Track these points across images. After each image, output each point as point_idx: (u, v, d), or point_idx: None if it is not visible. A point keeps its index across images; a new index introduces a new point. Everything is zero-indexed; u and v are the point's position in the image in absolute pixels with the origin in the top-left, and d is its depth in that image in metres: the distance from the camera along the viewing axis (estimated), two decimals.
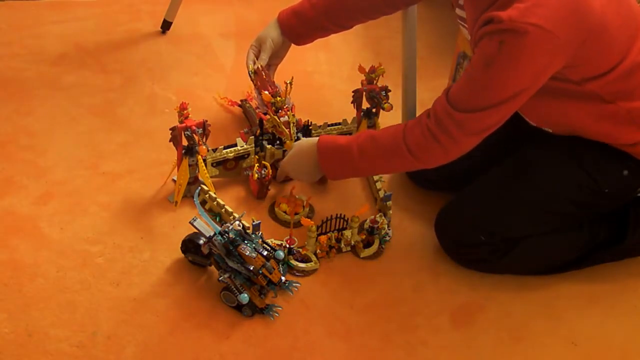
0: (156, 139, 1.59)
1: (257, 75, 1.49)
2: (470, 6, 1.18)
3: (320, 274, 1.33)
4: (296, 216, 1.40)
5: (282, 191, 1.51)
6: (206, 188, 1.42)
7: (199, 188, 1.37)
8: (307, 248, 1.35)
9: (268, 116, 1.42)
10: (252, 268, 1.18)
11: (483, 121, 1.14)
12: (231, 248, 1.18)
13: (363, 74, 1.56)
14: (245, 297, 1.19)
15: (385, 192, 1.43)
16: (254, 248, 1.19)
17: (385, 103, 1.53)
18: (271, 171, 1.44)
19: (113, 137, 1.61)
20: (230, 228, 1.21)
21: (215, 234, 1.19)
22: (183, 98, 1.49)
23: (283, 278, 1.27)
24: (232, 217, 1.34)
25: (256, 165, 1.44)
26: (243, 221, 1.24)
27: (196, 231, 1.22)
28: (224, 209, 1.38)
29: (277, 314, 1.24)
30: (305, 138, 1.41)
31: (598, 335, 1.27)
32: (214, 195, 1.41)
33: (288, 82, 1.45)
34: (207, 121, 1.38)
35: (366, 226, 1.39)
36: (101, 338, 1.16)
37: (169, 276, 1.29)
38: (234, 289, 1.20)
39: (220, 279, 1.20)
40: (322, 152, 1.30)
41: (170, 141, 1.36)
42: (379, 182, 1.49)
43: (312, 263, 1.33)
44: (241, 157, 1.49)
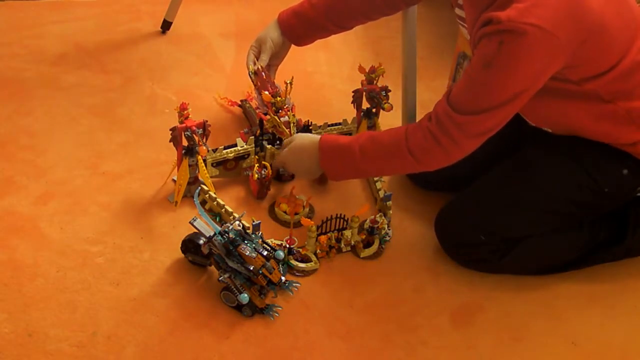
0: (156, 139, 1.59)
1: (257, 75, 1.49)
2: (469, 6, 1.18)
3: (320, 274, 1.33)
4: (296, 216, 1.40)
5: (282, 191, 1.51)
6: (206, 188, 1.42)
7: (199, 188, 1.37)
8: (307, 248, 1.35)
9: (268, 116, 1.42)
10: (252, 268, 1.18)
11: (484, 123, 1.14)
12: (231, 248, 1.18)
13: (363, 74, 1.56)
14: (245, 297, 1.19)
15: (385, 192, 1.43)
16: (254, 248, 1.19)
17: (385, 103, 1.53)
18: (271, 171, 1.44)
19: (113, 137, 1.61)
20: (230, 228, 1.21)
21: (215, 234, 1.19)
22: (183, 98, 1.49)
23: (283, 278, 1.27)
24: (232, 217, 1.34)
25: (256, 165, 1.44)
26: (243, 221, 1.24)
27: (196, 231, 1.22)
28: (224, 209, 1.38)
29: (277, 314, 1.24)
30: (305, 133, 1.40)
31: (598, 335, 1.27)
32: (214, 195, 1.41)
33: (288, 82, 1.45)
34: (207, 121, 1.38)
35: (366, 226, 1.39)
36: (101, 338, 1.16)
37: (169, 276, 1.29)
38: (234, 289, 1.20)
39: (220, 279, 1.20)
40: (324, 152, 1.30)
41: (170, 141, 1.36)
42: (379, 182, 1.49)
43: (312, 263, 1.33)
44: (241, 157, 1.49)
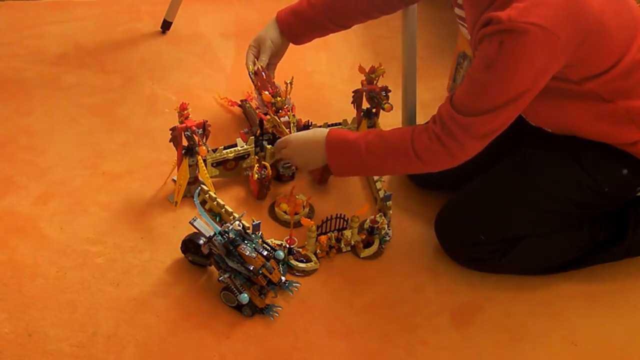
0: (156, 139, 1.59)
1: (258, 75, 1.49)
2: (469, 6, 1.18)
3: (320, 274, 1.33)
4: (296, 216, 1.40)
5: (282, 191, 1.51)
6: (206, 188, 1.42)
7: (199, 188, 1.37)
8: (307, 248, 1.35)
9: (268, 116, 1.42)
10: (252, 268, 1.18)
11: (488, 124, 1.14)
12: (231, 248, 1.18)
13: (363, 74, 1.56)
14: (245, 297, 1.19)
15: (385, 192, 1.43)
16: (254, 248, 1.19)
17: (385, 103, 1.53)
18: (271, 171, 1.44)
19: (113, 137, 1.61)
20: (230, 228, 1.21)
21: (215, 234, 1.19)
22: (183, 98, 1.49)
23: (283, 278, 1.27)
24: (232, 217, 1.34)
25: (256, 165, 1.44)
26: (243, 221, 1.24)
27: (196, 231, 1.22)
28: (224, 209, 1.38)
29: (277, 314, 1.24)
30: (317, 128, 1.40)
31: (598, 335, 1.27)
32: (214, 195, 1.41)
33: (288, 82, 1.45)
34: (207, 121, 1.38)
35: (366, 226, 1.39)
36: (101, 338, 1.16)
37: (169, 276, 1.29)
38: (234, 289, 1.20)
39: (220, 279, 1.20)
40: (331, 146, 1.29)
41: (170, 141, 1.36)
42: (379, 182, 1.49)
43: (312, 263, 1.33)
44: (241, 158, 1.49)
